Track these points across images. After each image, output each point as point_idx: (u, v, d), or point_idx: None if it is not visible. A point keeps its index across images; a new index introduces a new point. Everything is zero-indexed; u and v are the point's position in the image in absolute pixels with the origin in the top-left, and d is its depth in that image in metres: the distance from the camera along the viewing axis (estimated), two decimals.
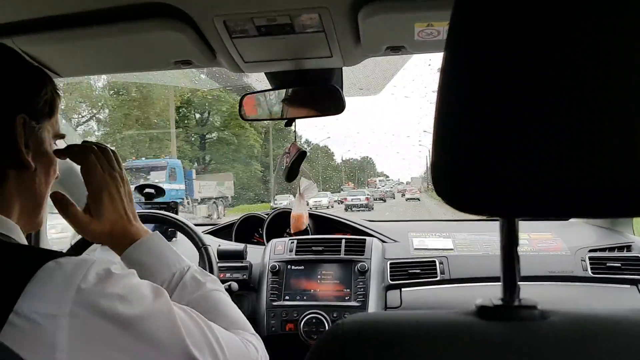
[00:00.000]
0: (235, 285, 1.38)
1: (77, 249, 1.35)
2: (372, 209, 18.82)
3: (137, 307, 0.57)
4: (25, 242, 0.67)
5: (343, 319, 0.43)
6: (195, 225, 2.17)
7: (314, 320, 1.37)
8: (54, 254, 0.57)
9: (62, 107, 0.79)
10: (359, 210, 18.11)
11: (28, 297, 0.52)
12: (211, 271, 1.25)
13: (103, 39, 0.98)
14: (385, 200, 24.46)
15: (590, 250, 1.43)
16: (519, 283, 0.42)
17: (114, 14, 0.91)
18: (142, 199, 1.90)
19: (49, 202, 0.77)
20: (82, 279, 0.55)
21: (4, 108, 0.64)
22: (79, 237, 1.35)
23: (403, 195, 26.90)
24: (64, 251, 1.35)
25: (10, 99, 0.66)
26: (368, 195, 20.43)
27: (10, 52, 0.70)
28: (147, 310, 0.58)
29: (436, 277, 1.45)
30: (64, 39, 0.98)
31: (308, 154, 1.30)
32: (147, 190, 1.91)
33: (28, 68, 0.70)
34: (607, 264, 1.38)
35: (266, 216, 1.91)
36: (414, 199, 24.36)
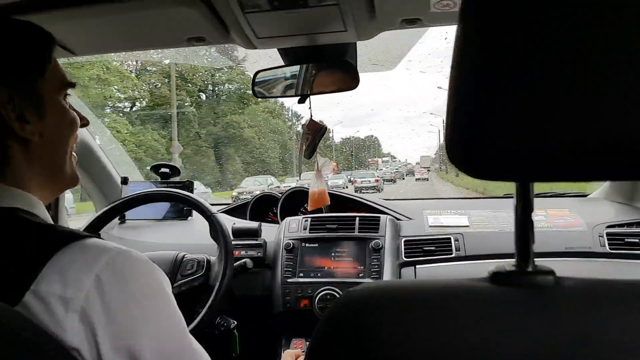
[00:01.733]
0: (250, 262, 1.40)
1: (94, 227, 1.38)
2: (382, 190, 18.81)
3: (147, 310, 0.58)
4: (48, 218, 0.66)
5: (351, 290, 0.43)
6: (213, 205, 2.20)
7: (328, 297, 1.38)
8: (78, 236, 0.57)
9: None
10: (368, 192, 18.07)
11: (46, 277, 0.52)
12: (224, 237, 1.26)
13: (116, 15, 0.98)
14: (395, 182, 24.35)
15: (609, 226, 1.42)
16: (536, 259, 0.41)
17: None
18: (159, 179, 1.93)
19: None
20: (103, 268, 0.55)
21: None
22: (97, 214, 1.38)
23: (414, 175, 26.62)
24: (82, 229, 1.38)
25: None
26: (378, 177, 20.36)
27: None
28: (156, 312, 0.59)
29: (451, 254, 1.45)
30: (77, 17, 0.98)
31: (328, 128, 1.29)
32: (162, 169, 1.93)
33: None
34: (626, 240, 1.36)
35: (280, 195, 1.91)
36: (423, 179, 24.08)
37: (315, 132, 1.24)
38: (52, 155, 0.69)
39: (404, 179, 25.79)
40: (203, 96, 22.02)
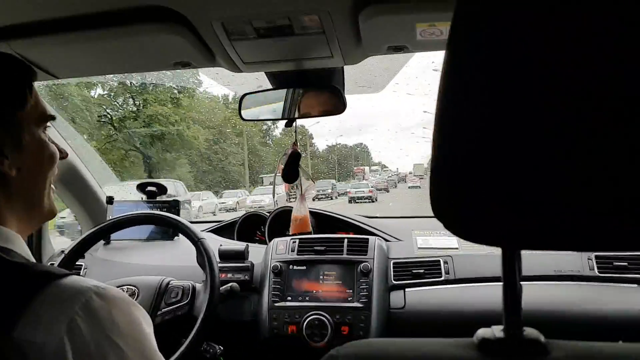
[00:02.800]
0: (236, 286, 1.37)
1: (78, 250, 1.35)
2: (376, 200, 18.83)
3: (124, 351, 0.56)
4: (27, 252, 0.65)
5: (338, 348, 0.41)
6: (198, 222, 2.17)
7: (316, 322, 1.36)
8: (54, 276, 0.56)
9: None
10: (362, 202, 18.19)
11: (22, 324, 0.51)
12: (210, 265, 1.24)
13: (101, 42, 0.97)
14: (388, 191, 24.25)
15: None
16: (526, 283, 0.40)
17: (111, 18, 0.89)
18: (144, 197, 1.89)
19: None
20: (78, 310, 0.54)
21: None
22: (82, 237, 1.35)
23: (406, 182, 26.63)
24: (66, 252, 1.35)
25: None
26: (372, 187, 20.36)
27: None
28: (133, 354, 0.57)
29: (440, 277, 1.44)
30: (61, 43, 0.97)
31: (303, 155, 1.28)
32: (149, 188, 1.90)
33: None
34: (614, 263, 1.35)
35: (268, 214, 1.89)
36: (415, 187, 24.25)
37: (289, 157, 1.24)
38: (31, 190, 0.68)
39: (396, 187, 25.82)
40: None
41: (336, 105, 1.22)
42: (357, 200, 18.26)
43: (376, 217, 1.97)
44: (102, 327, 0.55)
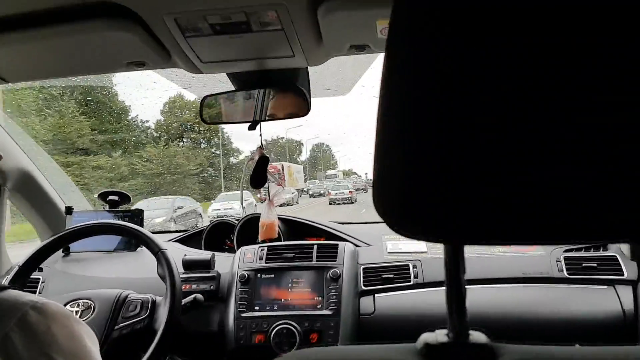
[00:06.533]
0: (200, 297, 1.32)
1: (34, 260, 1.28)
2: (355, 201, 19.11)
3: None
4: None
5: (284, 355, 0.38)
6: (165, 232, 2.10)
7: (284, 331, 1.32)
8: None
9: None
10: (343, 203, 18.56)
11: None
12: (171, 277, 1.18)
13: (49, 41, 0.92)
14: (367, 191, 24.90)
15: (566, 250, 1.41)
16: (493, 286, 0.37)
17: (59, 15, 0.84)
18: (107, 207, 1.82)
19: None
20: (13, 326, 0.51)
21: None
22: (38, 247, 1.28)
23: None
24: (20, 264, 1.28)
25: None
26: (351, 189, 20.64)
27: None
28: None
29: (410, 281, 1.42)
30: (7, 43, 0.91)
31: (270, 158, 1.24)
32: (110, 197, 1.83)
33: None
34: (583, 264, 1.35)
35: (236, 222, 1.84)
36: None
37: (255, 162, 1.20)
38: None
39: (366, 191, 26.16)
40: None
41: (300, 107, 1.19)
42: (337, 202, 18.48)
43: (348, 223, 1.94)
44: (39, 343, 0.52)
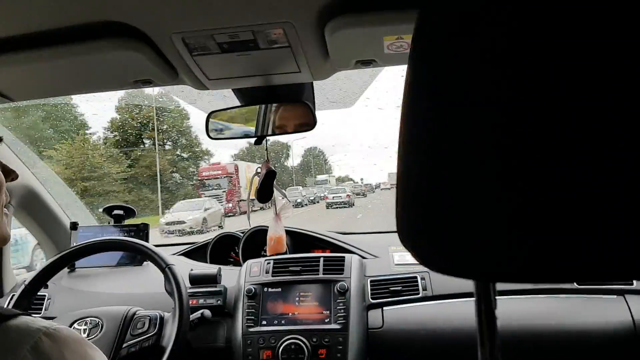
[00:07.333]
0: (208, 312, 1.31)
1: (41, 279, 1.28)
2: (353, 205, 19.45)
3: None
4: None
5: None
6: (171, 245, 2.10)
7: (292, 347, 1.30)
8: (1, 317, 0.54)
9: None
10: (340, 207, 18.79)
11: None
12: (179, 293, 1.18)
13: (56, 60, 0.92)
14: (365, 195, 25.99)
15: None
16: (498, 297, 0.37)
17: (67, 35, 0.84)
18: (112, 221, 1.82)
19: None
20: (27, 354, 0.51)
21: None
22: (44, 265, 1.28)
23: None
24: (26, 282, 1.27)
25: None
26: (349, 192, 21.01)
27: None
28: None
29: (418, 294, 1.41)
30: (15, 62, 0.91)
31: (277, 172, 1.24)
32: (115, 211, 1.83)
33: None
34: None
35: (242, 235, 1.84)
36: (386, 188, 27.08)
37: (263, 175, 1.19)
38: None
39: (365, 196, 26.30)
40: None
41: (307, 122, 1.19)
42: (334, 206, 18.61)
43: (352, 233, 1.93)
44: None
